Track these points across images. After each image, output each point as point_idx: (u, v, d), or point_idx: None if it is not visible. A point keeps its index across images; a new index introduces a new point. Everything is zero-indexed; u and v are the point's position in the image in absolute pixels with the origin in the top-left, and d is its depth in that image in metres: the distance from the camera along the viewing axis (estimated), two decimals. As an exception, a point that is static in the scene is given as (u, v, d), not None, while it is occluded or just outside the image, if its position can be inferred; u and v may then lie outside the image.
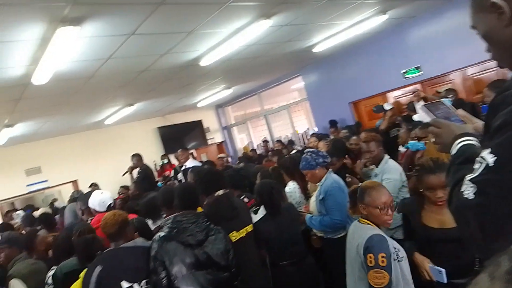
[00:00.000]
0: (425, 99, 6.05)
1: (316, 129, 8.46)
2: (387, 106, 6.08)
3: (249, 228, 2.81)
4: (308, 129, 9.66)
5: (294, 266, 2.90)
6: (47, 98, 5.21)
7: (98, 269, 2.23)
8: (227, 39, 4.53)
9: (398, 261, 1.99)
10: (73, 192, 8.46)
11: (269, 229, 2.91)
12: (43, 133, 7.78)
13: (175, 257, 2.24)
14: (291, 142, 8.26)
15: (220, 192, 2.78)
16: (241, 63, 6.23)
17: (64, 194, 9.05)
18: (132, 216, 3.12)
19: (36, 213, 6.20)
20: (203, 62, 5.27)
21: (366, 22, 5.51)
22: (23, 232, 4.90)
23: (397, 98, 7.17)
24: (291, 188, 3.62)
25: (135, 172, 7.04)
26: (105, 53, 4.06)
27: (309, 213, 3.31)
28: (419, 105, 1.24)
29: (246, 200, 3.61)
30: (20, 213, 7.80)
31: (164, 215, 3.25)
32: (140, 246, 2.40)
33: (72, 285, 2.47)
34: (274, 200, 3.00)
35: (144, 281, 2.29)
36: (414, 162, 3.47)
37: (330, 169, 3.29)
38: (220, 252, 2.39)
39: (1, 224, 5.86)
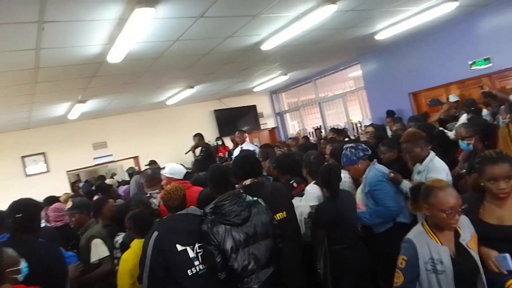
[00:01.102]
0: (489, 94, 5.74)
1: (370, 119, 8.29)
2: (452, 98, 5.84)
3: (281, 215, 2.76)
4: (362, 119, 9.49)
5: (349, 250, 2.92)
6: (117, 77, 5.57)
7: (155, 234, 2.43)
8: (291, 23, 4.57)
9: (435, 273, 1.96)
10: (128, 168, 9.04)
11: (332, 211, 2.92)
12: (110, 110, 8.31)
13: (226, 238, 2.34)
14: (342, 131, 8.11)
15: (248, 181, 2.81)
16: (300, 49, 6.24)
17: (126, 169, 9.64)
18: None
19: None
20: (264, 47, 5.35)
21: (435, 9, 5.27)
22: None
23: (462, 91, 6.84)
24: (342, 177, 3.61)
25: (197, 151, 7.35)
26: (174, 35, 4.26)
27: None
28: None
29: (295, 185, 3.67)
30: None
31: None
32: (192, 213, 2.57)
33: (124, 253, 2.75)
34: (331, 182, 3.03)
35: (197, 245, 2.45)
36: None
37: (375, 161, 3.24)
38: (266, 222, 2.49)
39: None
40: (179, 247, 2.41)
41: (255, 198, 2.56)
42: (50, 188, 7.48)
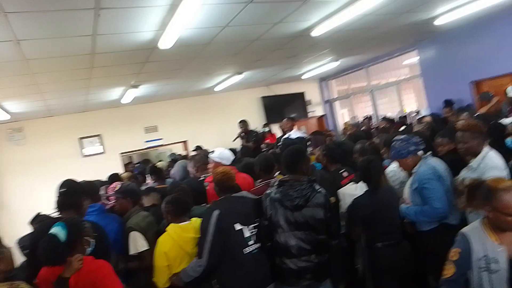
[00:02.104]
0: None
1: (427, 109, 7.86)
2: (510, 92, 5.36)
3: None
4: (417, 109, 9.02)
5: (390, 249, 2.83)
6: (168, 63, 5.67)
7: (216, 212, 2.59)
8: (343, 8, 4.37)
9: (487, 271, 1.86)
10: (171, 154, 9.27)
11: (368, 207, 2.85)
12: (161, 95, 8.54)
13: (279, 214, 2.52)
14: (392, 121, 7.74)
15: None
16: (353, 35, 5.99)
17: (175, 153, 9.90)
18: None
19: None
20: (315, 33, 5.19)
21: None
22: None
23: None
24: (391, 168, 3.46)
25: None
26: (223, 20, 4.23)
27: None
28: None
29: (345, 174, 3.58)
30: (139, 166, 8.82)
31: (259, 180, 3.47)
32: (246, 197, 2.75)
33: (160, 237, 2.80)
34: (371, 176, 2.93)
35: (251, 226, 2.65)
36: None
37: (429, 153, 3.03)
38: (319, 218, 2.55)
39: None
40: (237, 227, 2.61)
41: (320, 190, 2.59)
42: (105, 168, 7.87)
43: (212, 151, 4.01)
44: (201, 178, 3.93)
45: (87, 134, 8.72)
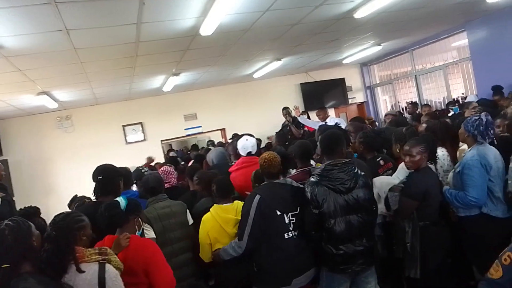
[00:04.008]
0: None
1: (473, 96, 7.43)
2: None
3: None
4: (465, 94, 8.57)
5: (435, 227, 2.84)
6: (209, 50, 5.69)
7: (257, 197, 2.64)
8: (390, -13, 4.20)
9: None
10: (208, 141, 9.38)
11: (421, 184, 2.83)
12: (200, 83, 8.62)
13: (327, 200, 2.51)
14: (450, 104, 7.39)
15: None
16: (398, 15, 5.74)
17: (214, 140, 10.02)
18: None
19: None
20: (358, 14, 5.02)
21: None
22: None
23: None
24: (439, 155, 3.32)
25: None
26: (264, 4, 4.18)
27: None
28: None
29: (381, 162, 3.49)
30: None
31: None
32: (289, 184, 2.76)
33: (204, 216, 2.97)
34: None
35: (290, 213, 2.65)
36: None
37: (482, 142, 2.93)
38: (367, 197, 2.60)
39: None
40: (278, 212, 2.65)
41: (362, 172, 2.63)
42: (146, 155, 8.13)
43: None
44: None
45: (129, 122, 9.00)
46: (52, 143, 8.40)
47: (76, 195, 4.25)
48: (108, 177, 2.80)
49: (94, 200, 2.91)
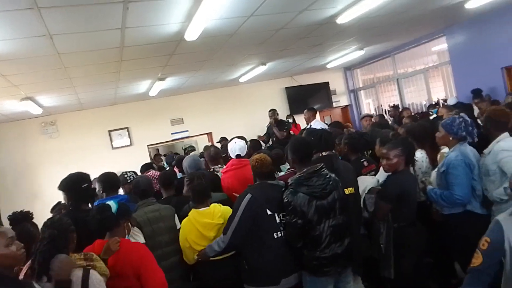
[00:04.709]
0: None
1: (457, 98, 7.63)
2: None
3: (348, 190, 2.84)
4: (445, 97, 8.78)
5: (409, 228, 2.88)
6: (193, 55, 5.73)
7: (248, 196, 2.69)
8: (370, -7, 4.31)
9: None
10: (188, 146, 9.37)
11: (396, 186, 2.88)
12: (186, 88, 8.64)
13: (310, 208, 2.51)
14: (431, 107, 7.58)
15: (325, 153, 2.96)
16: (380, 21, 5.88)
17: (200, 144, 10.05)
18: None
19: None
20: (340, 20, 5.13)
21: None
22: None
23: None
24: (419, 157, 3.42)
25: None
26: (248, 10, 4.24)
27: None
28: None
29: (365, 164, 3.58)
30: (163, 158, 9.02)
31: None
32: (281, 185, 2.80)
33: (183, 221, 3.06)
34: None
35: (282, 214, 2.68)
36: None
37: (463, 142, 3.01)
38: (342, 197, 2.64)
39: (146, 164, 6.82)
40: (269, 212, 2.68)
41: (332, 174, 2.66)
42: (133, 160, 8.11)
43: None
44: (212, 169, 4.15)
45: (115, 127, 8.96)
46: (37, 148, 8.31)
47: (59, 202, 4.25)
48: (71, 189, 2.86)
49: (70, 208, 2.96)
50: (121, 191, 3.98)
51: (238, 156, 3.91)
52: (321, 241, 2.53)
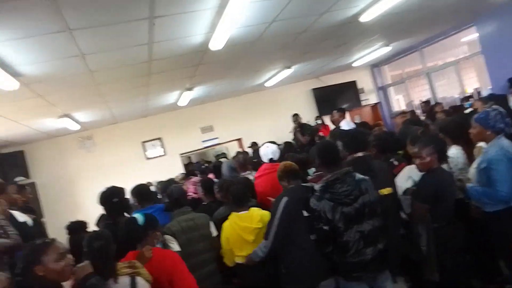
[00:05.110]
0: None
1: (491, 89, 7.36)
2: None
3: (385, 191, 2.79)
4: (480, 88, 8.48)
5: (448, 227, 2.80)
6: (220, 63, 5.85)
7: (284, 199, 2.74)
8: (392, -11, 4.27)
9: None
10: (220, 153, 9.49)
11: (431, 186, 2.81)
12: (214, 95, 8.80)
13: (336, 214, 2.47)
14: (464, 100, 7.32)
15: (360, 153, 2.91)
16: (404, 16, 5.78)
17: (231, 150, 10.17)
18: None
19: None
20: (363, 18, 5.09)
21: None
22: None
23: None
24: (454, 153, 3.31)
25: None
26: (270, 16, 4.30)
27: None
28: None
29: (395, 163, 3.49)
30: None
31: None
32: (312, 187, 2.81)
33: (224, 223, 3.13)
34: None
35: None
36: None
37: (501, 135, 2.86)
38: (374, 200, 2.57)
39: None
40: (305, 213, 2.67)
41: (362, 176, 2.59)
42: (166, 169, 8.34)
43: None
44: (243, 175, 4.20)
45: (149, 138, 9.22)
46: (76, 163, 8.69)
47: (103, 214, 4.39)
48: (105, 204, 2.98)
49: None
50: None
51: (271, 160, 3.94)
52: (349, 247, 2.49)
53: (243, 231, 2.99)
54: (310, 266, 2.67)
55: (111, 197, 3.02)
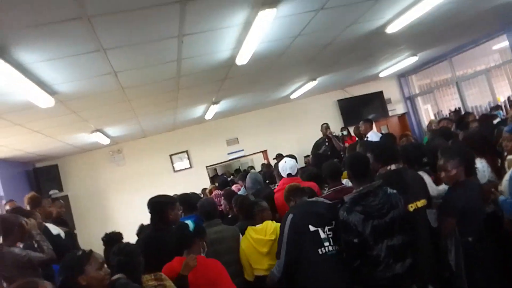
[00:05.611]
0: None
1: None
2: None
3: (422, 202, 2.73)
4: (510, 97, 8.20)
5: (479, 243, 2.72)
6: (245, 77, 5.93)
7: (290, 216, 2.76)
8: (419, 1, 4.22)
9: None
10: (248, 167, 9.49)
11: (460, 200, 2.73)
12: (239, 108, 8.90)
13: (366, 227, 2.44)
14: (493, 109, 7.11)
15: (393, 166, 2.86)
16: (431, 26, 5.70)
17: (256, 162, 10.21)
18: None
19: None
20: (390, 29, 5.05)
21: None
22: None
23: None
24: (479, 166, 3.19)
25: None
26: (295, 30, 4.34)
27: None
28: None
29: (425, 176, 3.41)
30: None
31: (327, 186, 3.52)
32: (321, 201, 2.87)
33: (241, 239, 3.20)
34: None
35: (327, 228, 2.68)
36: None
37: None
38: (403, 215, 2.52)
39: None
40: (312, 228, 2.69)
41: (394, 191, 2.56)
42: (193, 181, 8.47)
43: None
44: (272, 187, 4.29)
45: (176, 151, 9.39)
46: (106, 176, 8.95)
47: (142, 224, 4.44)
48: (156, 210, 3.03)
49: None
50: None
51: (289, 175, 3.94)
52: (379, 261, 2.45)
53: (257, 243, 3.06)
54: (321, 281, 2.63)
55: (149, 207, 3.09)
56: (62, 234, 4.19)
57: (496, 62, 8.45)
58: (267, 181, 5.83)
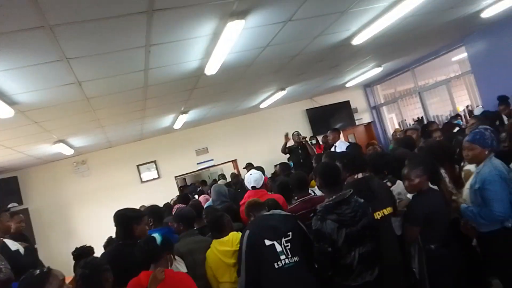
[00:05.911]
0: None
1: (482, 107, 7.48)
2: None
3: (387, 211, 2.76)
4: (472, 107, 8.61)
5: (443, 249, 2.76)
6: (214, 87, 5.90)
7: (247, 232, 2.75)
8: (383, 14, 4.36)
9: None
10: (219, 175, 9.46)
11: (422, 207, 2.79)
12: (209, 118, 8.84)
13: (339, 236, 2.45)
14: (453, 118, 7.41)
15: (360, 175, 2.89)
16: (395, 38, 5.91)
17: (227, 172, 10.14)
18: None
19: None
20: (355, 41, 5.19)
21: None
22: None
23: None
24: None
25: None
26: (263, 41, 4.37)
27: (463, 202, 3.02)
28: None
29: (389, 184, 3.49)
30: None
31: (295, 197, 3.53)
32: (276, 214, 2.86)
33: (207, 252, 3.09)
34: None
35: (284, 240, 2.67)
36: None
37: (492, 154, 2.86)
38: (372, 224, 2.54)
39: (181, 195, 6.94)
40: (267, 242, 2.66)
41: (361, 200, 2.59)
42: (161, 192, 8.29)
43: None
44: None
45: (143, 161, 9.18)
46: (70, 188, 8.60)
47: (111, 237, 4.27)
48: (121, 224, 2.92)
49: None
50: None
51: (253, 187, 3.96)
52: (352, 269, 2.46)
53: (223, 255, 2.99)
54: None
55: (115, 220, 2.98)
56: (22, 250, 3.97)
57: (456, 73, 8.86)
58: (239, 190, 5.82)
